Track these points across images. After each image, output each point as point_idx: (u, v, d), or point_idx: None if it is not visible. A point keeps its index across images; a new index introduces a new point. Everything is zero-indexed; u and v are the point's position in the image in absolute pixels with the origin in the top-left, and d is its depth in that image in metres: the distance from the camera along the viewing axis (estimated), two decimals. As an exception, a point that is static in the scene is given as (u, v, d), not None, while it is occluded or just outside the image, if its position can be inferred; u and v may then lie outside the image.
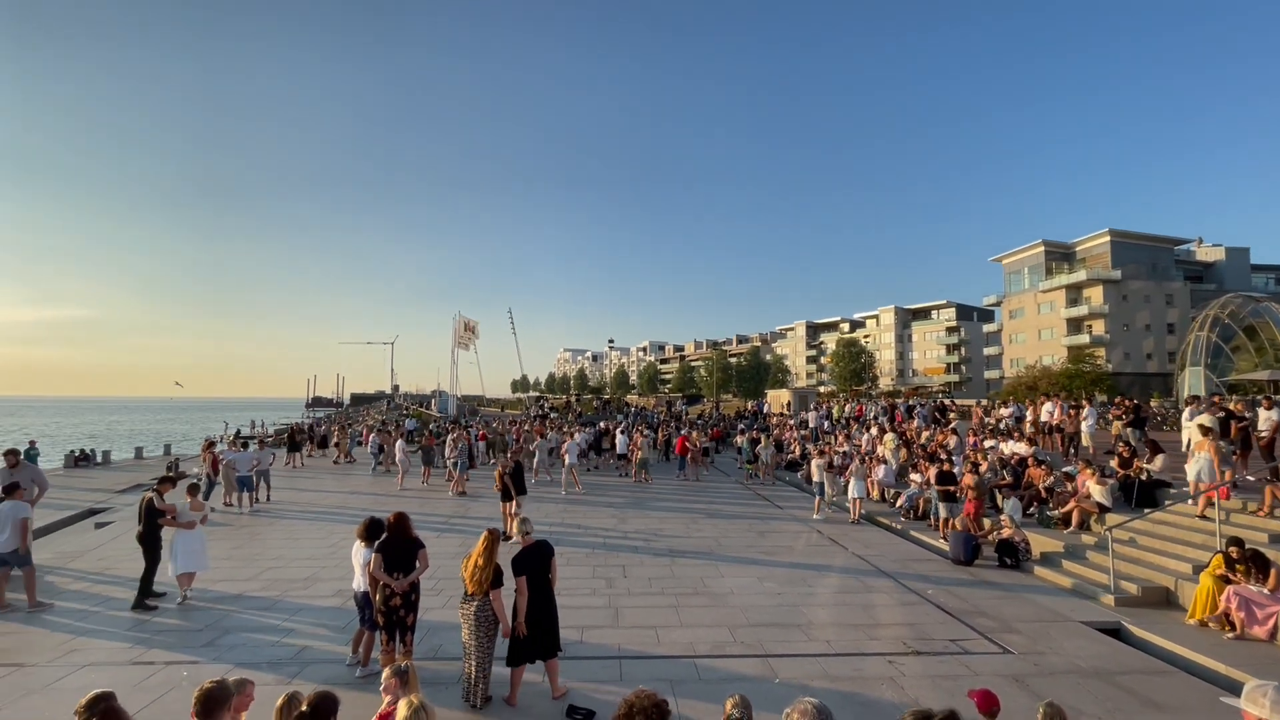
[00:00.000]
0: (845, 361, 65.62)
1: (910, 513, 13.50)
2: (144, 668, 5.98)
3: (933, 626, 7.37)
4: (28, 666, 6.02)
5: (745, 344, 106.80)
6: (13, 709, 5.09)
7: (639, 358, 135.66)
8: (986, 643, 6.89)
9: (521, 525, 5.81)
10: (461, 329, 49.90)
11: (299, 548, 10.76)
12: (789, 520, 13.69)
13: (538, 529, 6.00)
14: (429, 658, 6.13)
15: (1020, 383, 42.15)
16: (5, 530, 7.62)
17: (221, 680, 3.27)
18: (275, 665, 6.04)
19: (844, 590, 8.84)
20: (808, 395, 38.75)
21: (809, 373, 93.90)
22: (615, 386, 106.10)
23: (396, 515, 5.85)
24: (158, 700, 5.27)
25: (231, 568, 9.43)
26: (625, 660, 6.28)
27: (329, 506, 14.67)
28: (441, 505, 14.88)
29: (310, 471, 21.35)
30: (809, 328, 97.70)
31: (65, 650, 6.41)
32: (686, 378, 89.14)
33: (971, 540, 10.27)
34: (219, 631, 6.94)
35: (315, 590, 8.40)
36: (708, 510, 14.65)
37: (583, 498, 16.05)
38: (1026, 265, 60.26)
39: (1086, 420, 15.34)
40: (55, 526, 12.76)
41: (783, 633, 7.09)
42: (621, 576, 9.23)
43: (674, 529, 12.54)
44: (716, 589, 8.70)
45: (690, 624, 7.33)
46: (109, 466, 24.16)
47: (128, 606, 7.71)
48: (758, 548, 11.17)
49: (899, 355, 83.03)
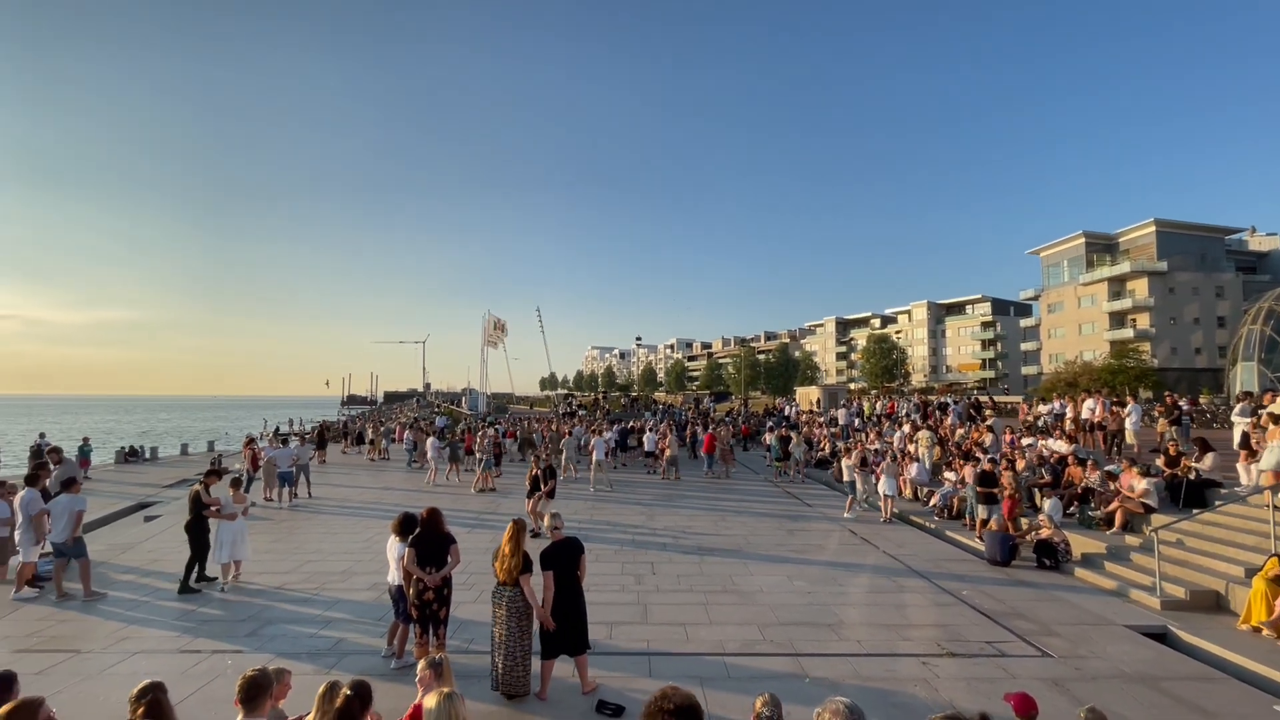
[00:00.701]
0: (876, 358, 64.54)
1: (944, 512, 13.24)
2: (191, 655, 6.22)
3: (968, 628, 7.22)
4: (84, 653, 6.31)
5: (773, 340, 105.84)
6: (71, 693, 5.34)
7: (666, 355, 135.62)
8: (1024, 645, 6.72)
9: (552, 520, 5.87)
10: (491, 327, 50.52)
11: (336, 542, 11.05)
12: (819, 519, 13.54)
13: (567, 525, 6.06)
14: (461, 651, 6.24)
15: (1060, 379, 40.90)
16: (61, 521, 8.02)
17: (263, 669, 3.39)
18: (314, 656, 6.22)
19: (876, 590, 8.72)
20: (838, 392, 38.25)
21: (839, 369, 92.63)
22: (643, 384, 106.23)
23: (429, 511, 5.99)
24: (204, 687, 5.47)
25: (272, 560, 9.74)
26: (654, 657, 6.29)
27: (364, 502, 15.02)
28: (473, 501, 15.11)
29: (346, 467, 21.88)
30: (839, 324, 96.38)
31: (118, 638, 6.70)
32: (714, 375, 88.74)
33: (1008, 540, 10.03)
34: (261, 622, 7.18)
35: (352, 583, 8.61)
36: (736, 508, 14.58)
37: (611, 495, 16.13)
38: (1066, 258, 58.39)
39: (1130, 417, 14.83)
40: (107, 520, 13.30)
41: (813, 632, 7.03)
42: (650, 573, 9.25)
43: (702, 526, 12.52)
44: (746, 587, 8.67)
45: (719, 621, 7.32)
46: (156, 462, 25.12)
47: (175, 597, 8.04)
48: (787, 546, 11.09)
49: (932, 351, 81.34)
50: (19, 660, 6.03)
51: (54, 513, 8.13)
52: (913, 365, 75.10)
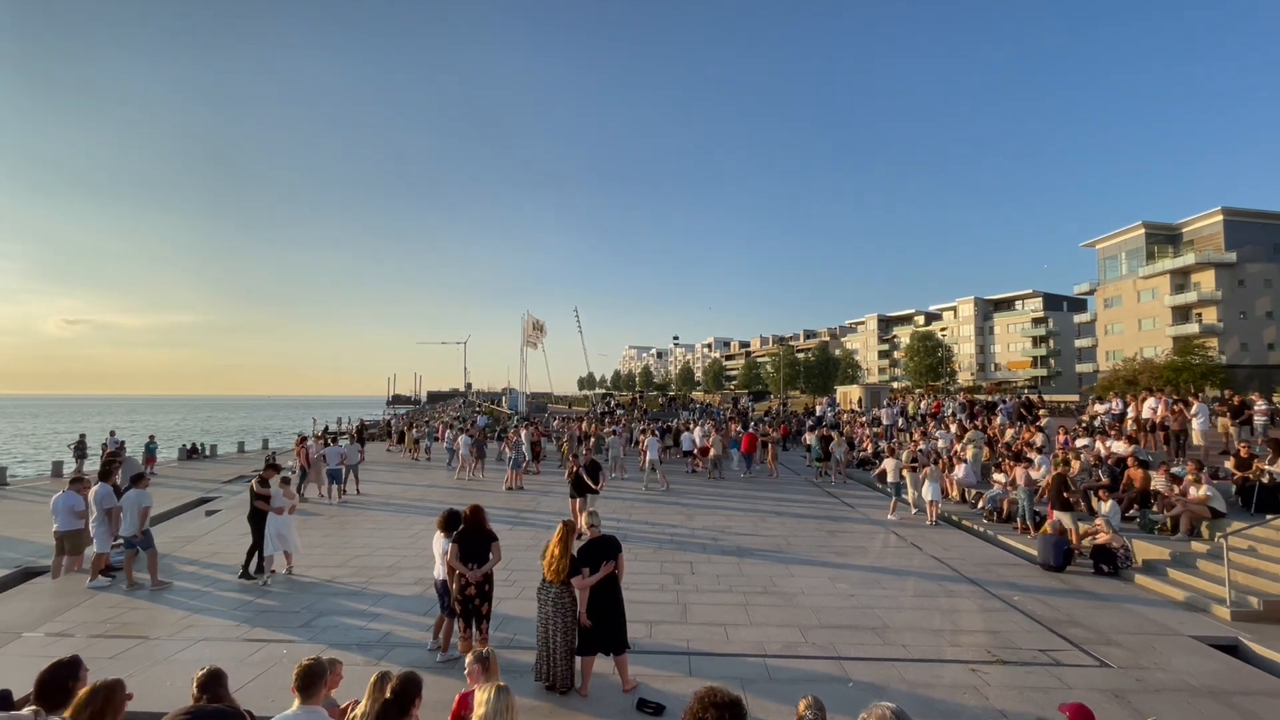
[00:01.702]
0: (920, 356, 62.85)
1: (994, 514, 12.81)
2: (249, 644, 6.51)
3: (1020, 635, 6.98)
4: (152, 639, 6.67)
5: (813, 339, 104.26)
6: (142, 677, 5.65)
7: (704, 354, 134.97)
8: (1081, 654, 6.46)
9: (589, 519, 5.92)
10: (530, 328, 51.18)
11: (383, 537, 11.37)
12: (861, 520, 13.28)
13: (605, 525, 6.10)
14: (504, 646, 6.34)
15: (1118, 377, 39.05)
16: (131, 515, 8.50)
17: (318, 658, 3.52)
18: (364, 647, 6.42)
19: (921, 594, 8.51)
20: (880, 391, 37.40)
21: (881, 368, 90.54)
22: (680, 383, 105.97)
23: (472, 508, 6.12)
24: (262, 675, 5.71)
25: (323, 554, 10.09)
26: (694, 657, 6.28)
27: (409, 499, 15.42)
28: (514, 499, 15.33)
29: (391, 466, 22.49)
30: (880, 321, 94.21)
31: (183, 626, 7.05)
32: (752, 374, 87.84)
33: (1063, 545, 9.64)
34: (313, 614, 7.45)
35: (398, 578, 8.86)
36: (776, 509, 14.41)
37: (649, 495, 16.14)
38: (1124, 250, 55.66)
39: (1196, 417, 14.07)
40: (171, 514, 14.00)
41: (856, 635, 6.90)
42: (689, 573, 9.23)
43: (742, 527, 12.42)
44: (786, 588, 8.56)
45: (759, 623, 7.25)
46: (216, 459, 26.35)
47: (235, 588, 8.43)
48: (829, 548, 10.91)
49: (979, 349, 78.73)
50: (95, 644, 6.42)
51: (124, 506, 8.62)
52: (959, 363, 72.86)
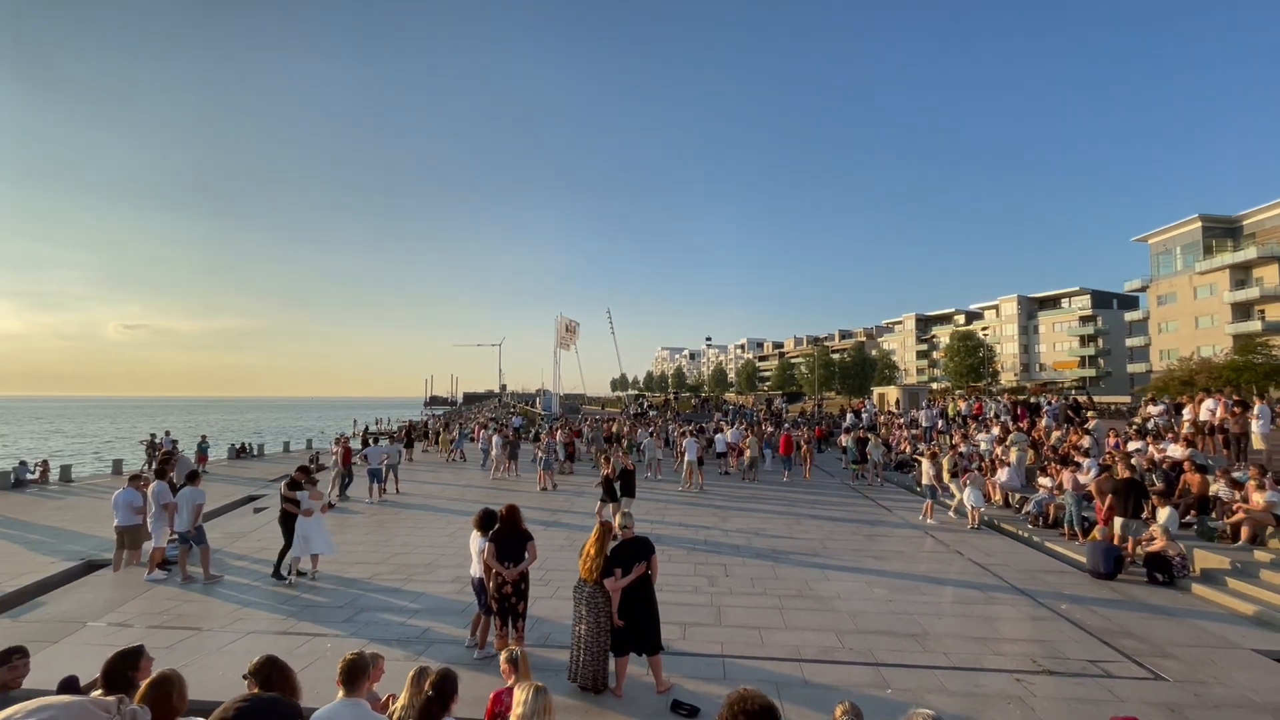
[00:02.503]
0: (961, 356, 61.03)
1: (1039, 519, 12.39)
2: (295, 638, 6.72)
3: (1068, 645, 6.74)
4: (205, 630, 6.95)
5: (849, 339, 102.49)
6: (195, 666, 5.89)
7: (736, 355, 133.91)
8: (1134, 666, 6.20)
9: (623, 520, 5.95)
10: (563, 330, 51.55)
11: (421, 536, 11.62)
12: (900, 524, 13.01)
13: (638, 526, 6.12)
14: (538, 645, 6.42)
15: (1173, 377, 37.28)
16: (186, 511, 8.87)
17: (361, 653, 3.62)
18: (404, 643, 6.57)
19: (963, 600, 8.29)
20: (918, 392, 36.58)
21: (919, 368, 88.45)
22: (713, 384, 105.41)
23: (508, 508, 6.21)
24: (308, 668, 5.89)
25: (364, 552, 10.37)
26: (729, 660, 6.25)
27: (447, 499, 15.72)
28: (548, 500, 15.48)
29: (429, 466, 22.95)
30: (919, 320, 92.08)
31: (233, 618, 7.34)
32: (786, 375, 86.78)
33: (1114, 552, 9.27)
34: (355, 610, 7.65)
35: (436, 576, 9.04)
36: (811, 511, 14.23)
37: (684, 496, 16.12)
38: (1179, 244, 53.16)
39: (1258, 419, 13.36)
40: (221, 510, 14.58)
41: (895, 641, 6.77)
42: (723, 575, 9.18)
43: (776, 529, 12.30)
44: (822, 592, 8.45)
45: (795, 627, 7.17)
46: (263, 458, 27.33)
47: (281, 583, 8.70)
48: (866, 551, 10.72)
49: (1023, 348, 76.21)
50: (153, 635, 6.72)
51: (179, 503, 9.01)
52: (1001, 364, 70.54)
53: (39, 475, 19.40)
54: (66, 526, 12.80)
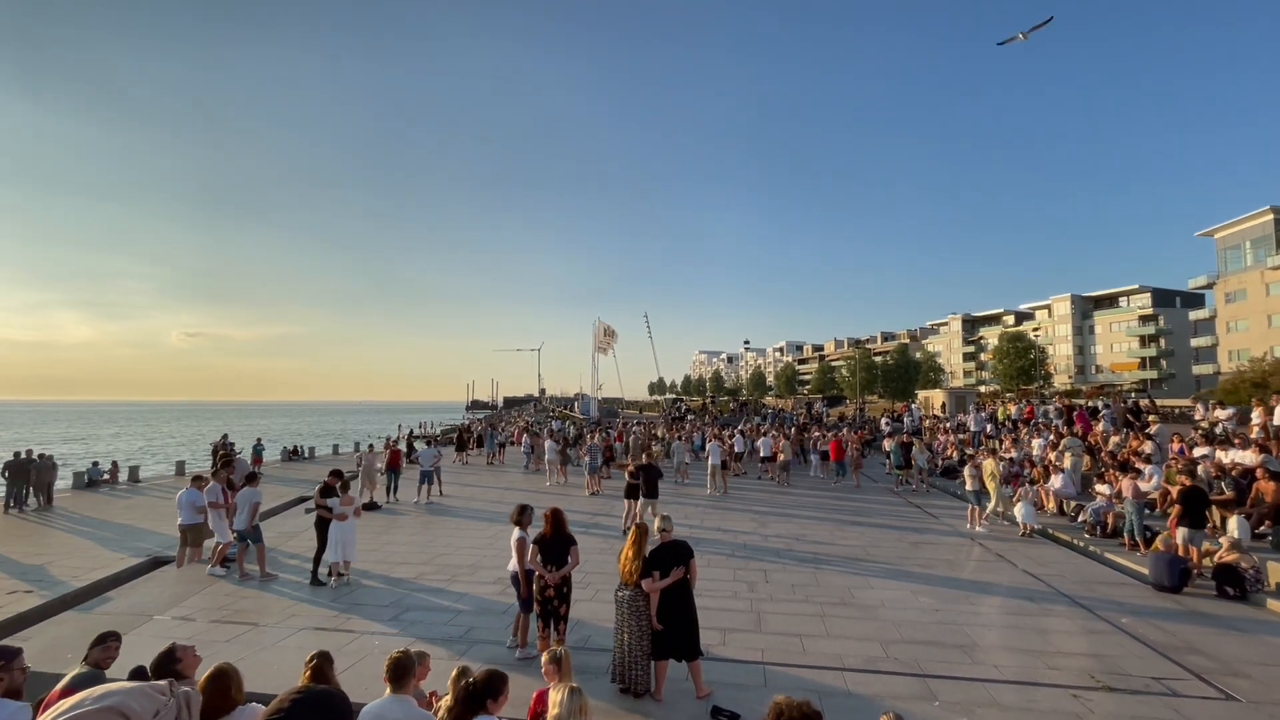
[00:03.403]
0: (1010, 358, 58.97)
1: (1096, 529, 11.85)
2: (345, 634, 6.94)
3: (1128, 660, 6.42)
4: (261, 626, 7.24)
5: (891, 341, 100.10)
6: (253, 660, 6.15)
7: (775, 358, 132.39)
8: (1202, 685, 5.87)
9: (662, 523, 5.96)
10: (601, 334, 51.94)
11: (464, 537, 11.85)
12: (947, 532, 12.63)
13: (676, 530, 6.11)
14: (578, 647, 6.46)
15: (1243, 379, 35.24)
16: (244, 510, 9.27)
17: (407, 651, 3.72)
18: (448, 642, 6.71)
19: (1014, 611, 7.98)
20: (965, 396, 35.46)
21: (966, 371, 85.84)
22: (752, 388, 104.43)
23: (552, 511, 6.30)
24: (357, 664, 6.08)
25: (409, 553, 10.64)
26: (769, 667, 6.17)
27: (488, 501, 16.00)
28: (589, 503, 15.59)
29: (471, 469, 23.39)
30: (965, 321, 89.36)
31: (287, 615, 7.62)
32: (826, 378, 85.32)
33: (1179, 563, 8.79)
34: (401, 609, 7.86)
35: (478, 577, 9.21)
36: (853, 518, 13.94)
37: (722, 501, 16.02)
38: (1248, 238, 50.14)
39: (1340, 424, 12.49)
40: (274, 511, 15.15)
41: (942, 652, 6.57)
42: (763, 581, 9.08)
43: (817, 535, 12.09)
44: (865, 600, 8.27)
45: (837, 635, 7.04)
46: (314, 461, 28.33)
47: (322, 587, 8.87)
48: (911, 559, 10.44)
49: (1078, 350, 73.12)
50: (213, 629, 7.05)
51: (237, 503, 9.42)
52: (1054, 366, 67.88)
53: (109, 476, 20.54)
54: (134, 524, 13.52)
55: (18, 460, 15.67)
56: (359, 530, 9.53)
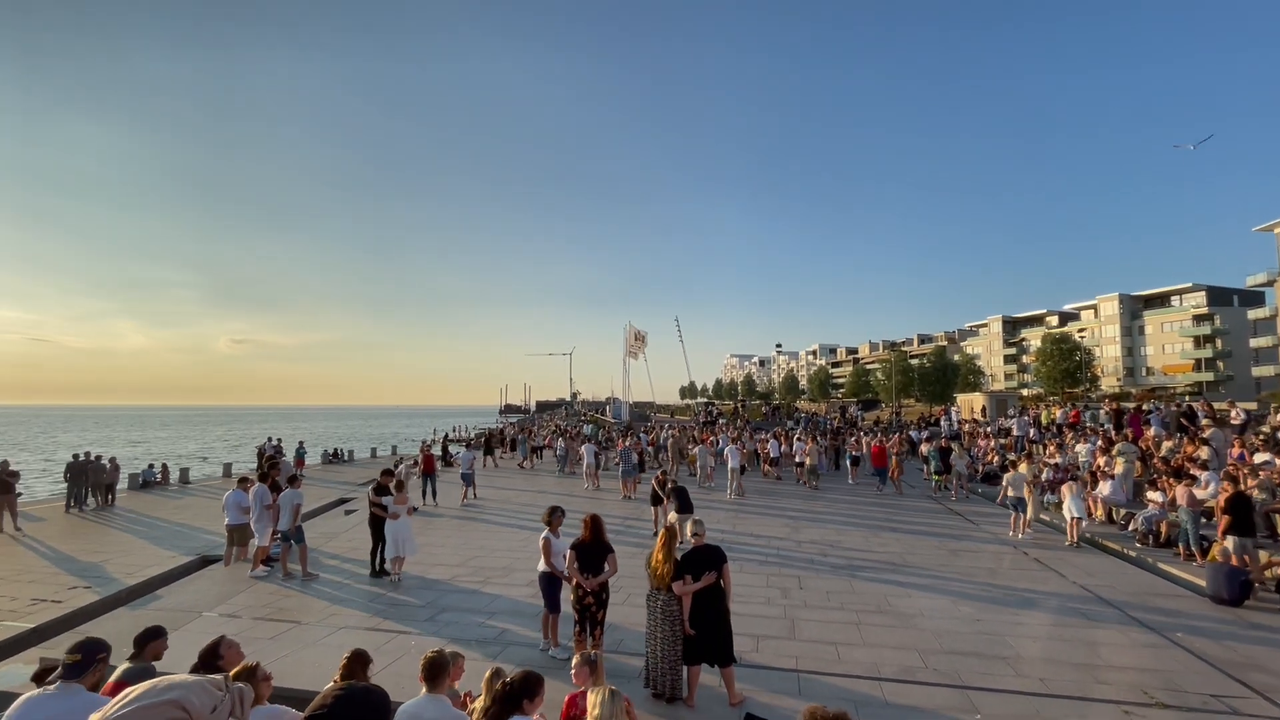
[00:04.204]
0: (1054, 360, 56.91)
1: (1149, 538, 11.36)
2: (382, 634, 7.09)
3: (1185, 676, 6.12)
4: (303, 624, 7.45)
5: (928, 344, 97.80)
6: (295, 657, 6.34)
7: (808, 362, 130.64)
8: (1264, 703, 5.56)
9: (694, 527, 5.93)
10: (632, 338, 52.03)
11: (498, 540, 11.99)
12: (988, 540, 12.26)
13: (709, 535, 6.07)
14: (611, 650, 6.47)
15: (1308, 381, 33.38)
16: (287, 511, 9.56)
17: (441, 651, 3.78)
18: (482, 644, 6.79)
19: (1061, 623, 7.69)
20: (1007, 399, 34.42)
21: (1007, 374, 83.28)
22: (784, 392, 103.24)
23: (591, 518, 6.33)
24: (394, 663, 6.20)
25: (444, 554, 10.81)
26: (803, 675, 6.08)
27: (521, 504, 16.15)
28: (621, 508, 15.59)
29: (504, 472, 23.66)
30: (1005, 323, 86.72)
31: (328, 614, 7.82)
32: (861, 382, 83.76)
33: (1239, 575, 8.35)
34: (436, 610, 7.99)
35: (512, 579, 9.30)
36: (889, 524, 13.64)
37: (755, 506, 15.86)
38: (1312, 231, 47.58)
39: None
40: (315, 513, 15.58)
41: (983, 664, 6.37)
42: (797, 588, 8.95)
43: (852, 542, 11.87)
44: (903, 609, 8.07)
45: (873, 644, 6.89)
46: (353, 463, 29.04)
47: (370, 582, 9.24)
48: (951, 567, 10.16)
49: (1127, 351, 70.23)
50: (257, 626, 7.28)
51: (280, 504, 9.71)
52: (1101, 368, 65.31)
53: (161, 477, 21.41)
54: (186, 524, 14.06)
55: (77, 462, 16.46)
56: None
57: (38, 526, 13.75)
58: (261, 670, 3.45)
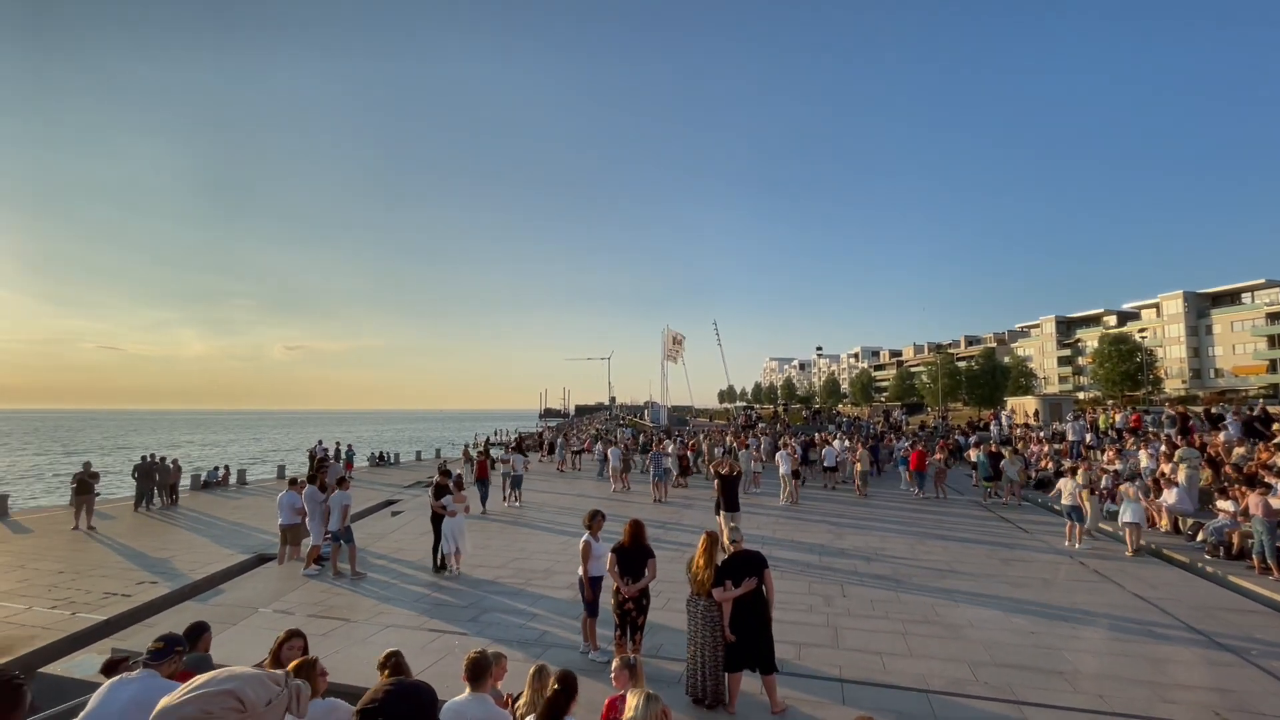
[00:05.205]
0: (1114, 362, 54.35)
1: (1219, 549, 10.72)
2: (428, 633, 7.26)
3: (1260, 698, 5.75)
4: (352, 622, 7.69)
5: (976, 345, 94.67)
6: (345, 654, 6.54)
7: (850, 365, 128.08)
8: (1353, 729, 5.18)
9: (732, 534, 5.89)
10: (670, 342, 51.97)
11: (538, 543, 12.14)
12: (1042, 549, 11.78)
13: (749, 541, 6.01)
14: (650, 655, 6.46)
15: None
16: (337, 512, 9.89)
17: (484, 651, 3.85)
18: (523, 645, 6.89)
19: (1121, 637, 7.33)
20: (1061, 403, 33.05)
21: (1061, 376, 79.95)
22: (825, 396, 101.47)
23: (632, 523, 6.35)
24: (438, 662, 6.34)
25: (486, 556, 10.99)
26: (848, 684, 5.95)
27: (560, 508, 16.31)
28: (658, 511, 15.56)
29: (544, 476, 23.92)
30: (1059, 323, 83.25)
31: (375, 612, 8.05)
32: (905, 385, 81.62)
33: (1321, 591, 7.81)
34: (480, 610, 8.13)
35: (552, 582, 9.40)
36: (936, 531, 13.25)
37: (797, 512, 15.64)
38: (1402, 223, 44.19)
39: None
40: (363, 514, 16.06)
41: (1038, 678, 6.12)
42: (840, 595, 8.78)
43: (897, 549, 11.57)
44: (951, 619, 7.83)
45: (920, 654, 6.70)
46: (398, 466, 29.83)
47: (417, 581, 9.46)
48: (1002, 577, 9.80)
49: (1193, 352, 66.49)
50: (310, 623, 7.53)
51: (330, 505, 10.06)
52: (1164, 369, 62.06)
53: (221, 478, 22.45)
54: (243, 523, 14.70)
55: (145, 463, 17.38)
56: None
57: (108, 524, 14.56)
58: (320, 665, 3.58)
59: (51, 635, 7.48)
